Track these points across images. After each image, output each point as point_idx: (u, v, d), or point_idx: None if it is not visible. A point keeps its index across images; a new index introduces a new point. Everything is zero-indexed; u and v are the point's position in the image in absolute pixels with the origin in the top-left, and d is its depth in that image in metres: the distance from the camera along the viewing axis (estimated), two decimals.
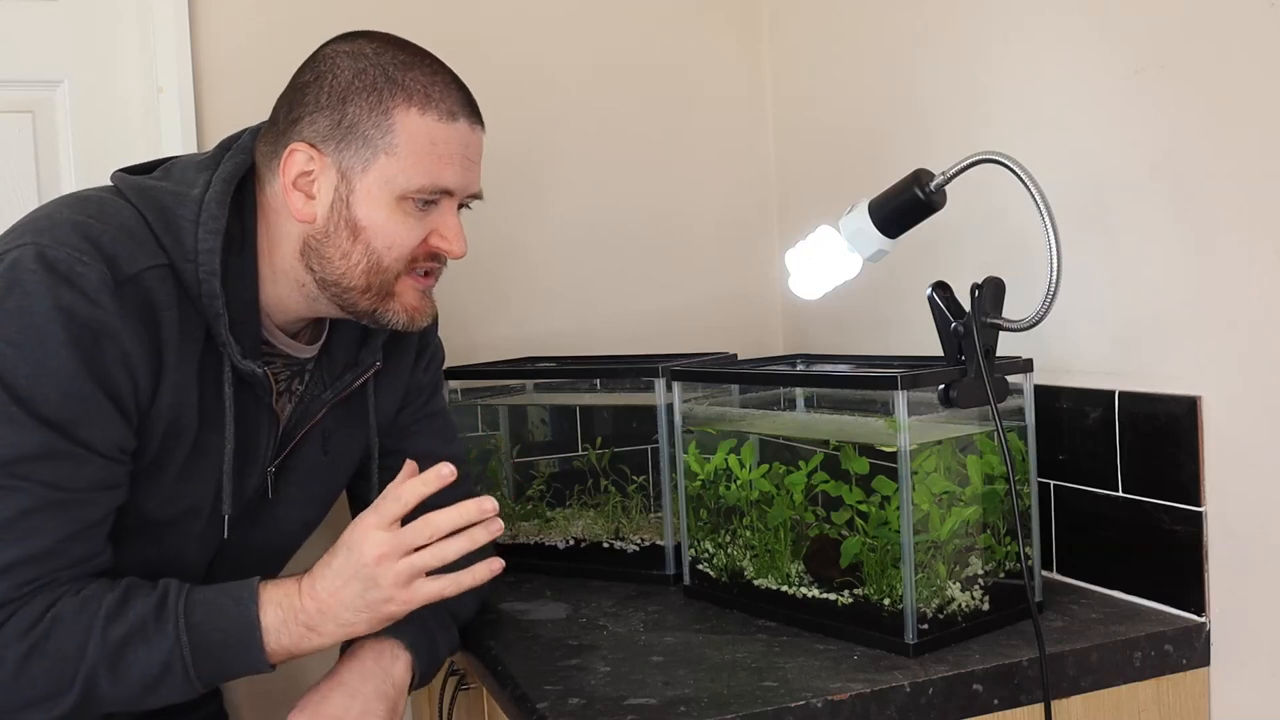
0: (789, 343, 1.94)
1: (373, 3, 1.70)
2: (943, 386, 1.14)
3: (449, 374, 1.51)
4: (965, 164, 1.16)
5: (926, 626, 1.13)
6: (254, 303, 1.10)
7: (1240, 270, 1.11)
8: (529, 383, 1.67)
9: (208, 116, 1.63)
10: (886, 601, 1.15)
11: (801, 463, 1.25)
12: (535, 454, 1.63)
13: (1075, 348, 1.31)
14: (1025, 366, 1.23)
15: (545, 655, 1.18)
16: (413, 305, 1.13)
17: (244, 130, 1.15)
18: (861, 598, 1.18)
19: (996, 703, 1.08)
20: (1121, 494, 1.24)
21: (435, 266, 1.14)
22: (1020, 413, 1.24)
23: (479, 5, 1.78)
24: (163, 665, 0.99)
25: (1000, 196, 1.30)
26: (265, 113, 1.16)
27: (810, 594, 1.23)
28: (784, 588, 1.25)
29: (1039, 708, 1.08)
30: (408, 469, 1.04)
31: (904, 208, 1.20)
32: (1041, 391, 1.29)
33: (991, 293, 1.17)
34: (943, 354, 1.20)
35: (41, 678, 0.97)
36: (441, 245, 1.12)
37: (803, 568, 1.26)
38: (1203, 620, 1.16)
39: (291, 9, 1.67)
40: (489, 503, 1.01)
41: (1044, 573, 1.32)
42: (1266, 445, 1.10)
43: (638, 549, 1.47)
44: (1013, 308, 1.18)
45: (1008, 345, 1.20)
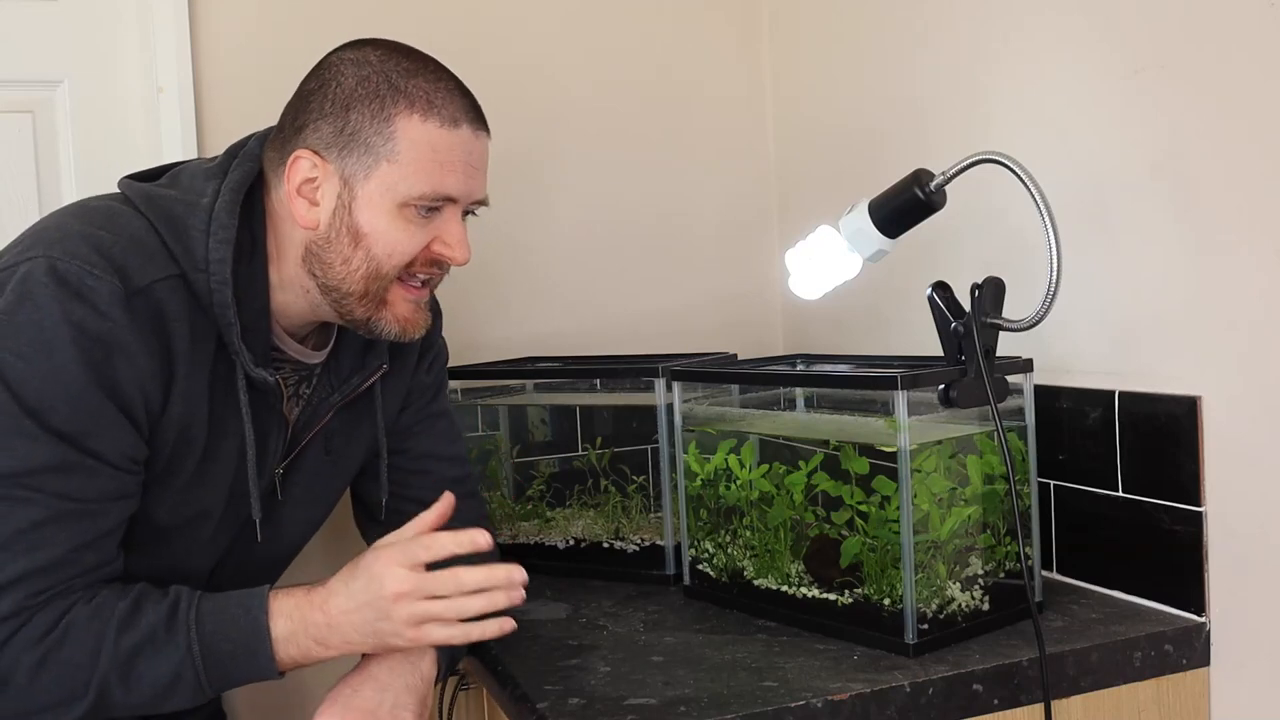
0: (789, 343, 1.94)
1: (373, 4, 1.70)
2: (943, 386, 1.15)
3: (449, 374, 1.50)
4: (965, 164, 1.16)
5: (926, 626, 1.13)
6: (264, 310, 1.10)
7: (1240, 270, 1.11)
8: (529, 383, 1.67)
9: (208, 116, 1.63)
10: (886, 601, 1.15)
11: (801, 463, 1.26)
12: (535, 454, 1.63)
13: (1075, 348, 1.31)
14: (1025, 366, 1.23)
15: (545, 655, 1.18)
16: (404, 316, 1.13)
17: (250, 136, 1.15)
18: (861, 598, 1.18)
19: (996, 703, 1.08)
20: (1121, 494, 1.24)
21: (435, 274, 1.14)
22: (1020, 413, 1.24)
23: (479, 6, 1.78)
24: (174, 674, 1.00)
25: (1000, 196, 1.30)
26: (265, 113, 1.16)
27: (810, 594, 1.23)
28: (784, 588, 1.26)
29: (1039, 708, 1.08)
30: (443, 503, 1.06)
31: (904, 208, 1.20)
32: (1041, 391, 1.29)
33: (991, 293, 1.17)
34: (943, 354, 1.20)
35: (55, 685, 0.98)
36: (444, 252, 1.11)
37: (803, 568, 1.26)
38: (1203, 620, 1.16)
39: (292, 9, 1.67)
40: (519, 574, 1.04)
41: (1044, 573, 1.32)
42: (1266, 445, 1.10)
43: (638, 549, 1.47)
44: (1013, 308, 1.18)
45: (1008, 345, 1.20)
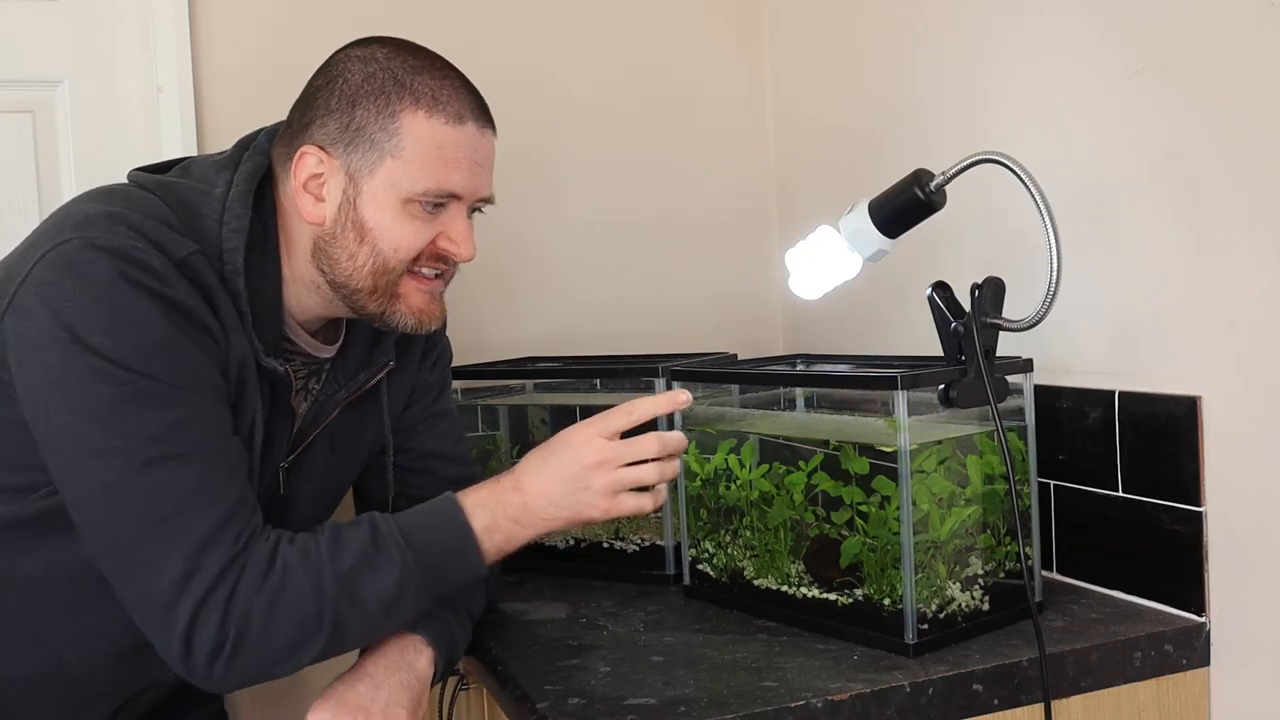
0: (789, 343, 1.94)
1: (373, 4, 1.70)
2: (943, 386, 1.14)
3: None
4: (965, 164, 1.16)
5: (926, 626, 1.13)
6: (276, 301, 1.11)
7: (1240, 270, 1.11)
8: (529, 383, 1.67)
9: (208, 116, 1.63)
10: (886, 601, 1.15)
11: (801, 463, 1.25)
12: None
13: (1075, 348, 1.31)
14: (1025, 366, 1.23)
15: (545, 655, 1.18)
16: (419, 307, 1.13)
17: (259, 131, 1.15)
18: (861, 598, 1.18)
19: (996, 703, 1.08)
20: (1121, 494, 1.24)
21: (444, 269, 1.14)
22: (1020, 413, 1.24)
23: (479, 6, 1.78)
24: (398, 586, 1.03)
25: (1000, 196, 1.30)
26: (265, 113, 1.16)
27: (810, 594, 1.23)
28: (784, 588, 1.25)
29: (1039, 708, 1.08)
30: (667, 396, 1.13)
31: (904, 208, 1.20)
32: (1041, 391, 1.29)
33: (991, 293, 1.16)
34: (943, 354, 1.20)
35: (289, 623, 0.99)
36: (449, 248, 1.12)
37: (803, 568, 1.26)
38: (1203, 620, 1.16)
39: (292, 9, 1.67)
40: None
41: (1044, 573, 1.32)
42: (1266, 445, 1.10)
43: (638, 549, 1.47)
44: (1013, 308, 1.18)
45: (1008, 345, 1.20)
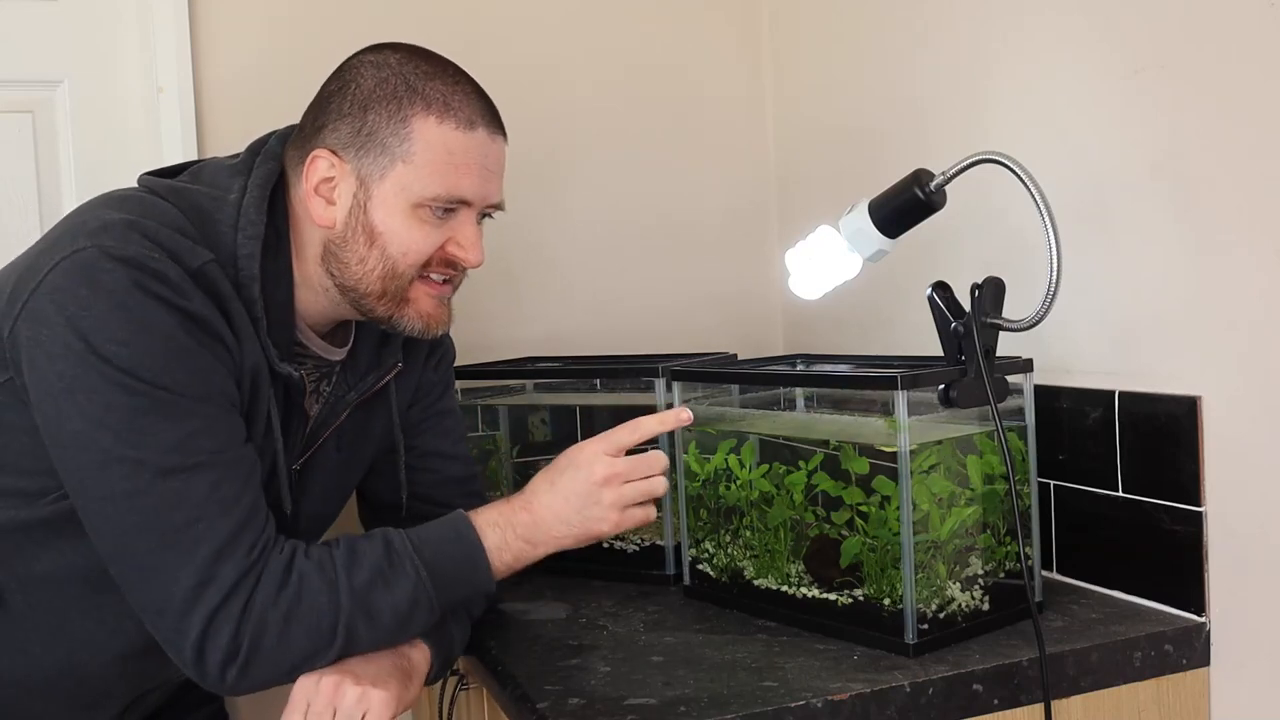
0: (789, 343, 1.94)
1: (373, 5, 1.70)
2: (943, 386, 1.14)
3: None
4: (965, 164, 1.16)
5: (926, 626, 1.13)
6: (289, 305, 1.12)
7: (1240, 270, 1.11)
8: (529, 383, 1.67)
9: (208, 117, 1.63)
10: (886, 601, 1.15)
11: (801, 463, 1.25)
12: (535, 454, 1.62)
13: (1075, 348, 1.31)
14: (1025, 366, 1.23)
15: (545, 655, 1.18)
16: (428, 312, 1.14)
17: (271, 134, 1.16)
18: (861, 598, 1.18)
19: (996, 703, 1.08)
20: (1121, 494, 1.24)
21: (452, 274, 1.15)
22: (1020, 413, 1.24)
23: (479, 6, 1.78)
24: (411, 600, 1.04)
25: (1000, 196, 1.30)
26: (265, 113, 1.16)
27: (810, 594, 1.23)
28: (784, 588, 1.25)
29: (1039, 708, 1.08)
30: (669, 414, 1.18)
31: (904, 208, 1.20)
32: (1041, 391, 1.29)
33: (991, 293, 1.16)
34: (943, 354, 1.20)
35: (304, 635, 1.00)
36: (458, 254, 1.13)
37: (803, 568, 1.26)
38: (1203, 620, 1.16)
39: (292, 9, 1.67)
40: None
41: (1044, 573, 1.32)
42: (1266, 445, 1.10)
43: (638, 549, 1.47)
44: (1013, 308, 1.18)
45: (1008, 345, 1.20)
